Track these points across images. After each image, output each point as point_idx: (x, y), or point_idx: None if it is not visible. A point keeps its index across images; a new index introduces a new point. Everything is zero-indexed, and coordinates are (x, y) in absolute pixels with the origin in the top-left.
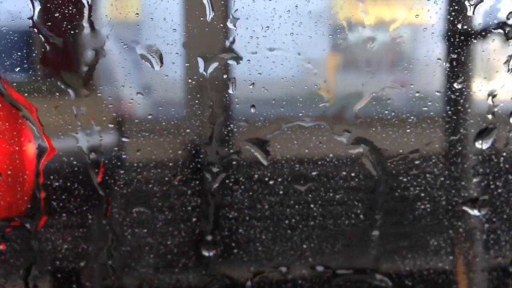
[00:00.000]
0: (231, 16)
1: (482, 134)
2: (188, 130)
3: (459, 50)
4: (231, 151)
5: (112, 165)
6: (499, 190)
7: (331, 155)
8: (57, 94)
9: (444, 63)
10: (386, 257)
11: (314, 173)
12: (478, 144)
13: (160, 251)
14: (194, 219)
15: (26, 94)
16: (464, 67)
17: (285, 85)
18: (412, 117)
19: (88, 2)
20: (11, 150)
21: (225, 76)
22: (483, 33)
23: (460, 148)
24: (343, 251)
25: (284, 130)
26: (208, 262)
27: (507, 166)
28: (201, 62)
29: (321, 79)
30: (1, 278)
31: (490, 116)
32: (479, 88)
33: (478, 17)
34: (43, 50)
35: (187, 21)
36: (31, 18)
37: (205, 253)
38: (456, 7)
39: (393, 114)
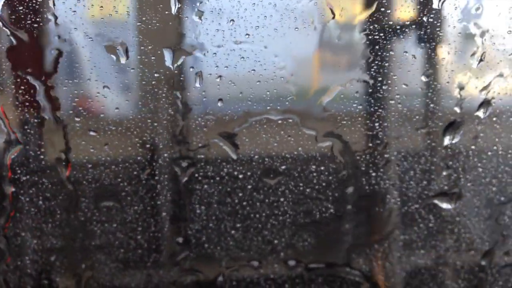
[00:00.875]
0: (196, 9)
1: (450, 127)
2: (155, 124)
3: (426, 43)
4: (200, 145)
5: (80, 159)
6: (468, 184)
7: (300, 148)
8: (22, 87)
9: (411, 56)
10: (358, 251)
11: (283, 167)
12: (447, 139)
13: (130, 245)
14: (163, 214)
15: None
16: (431, 60)
17: (252, 79)
18: (380, 111)
19: None
20: None
21: (191, 70)
22: (450, 26)
23: (428, 141)
24: (314, 245)
25: (252, 124)
26: (179, 257)
27: (475, 159)
28: (167, 55)
29: (288, 72)
30: None
31: (457, 109)
32: (447, 81)
33: (445, 10)
34: (7, 43)
35: (153, 14)
36: None
37: (176, 248)
38: (422, 0)
39: (360, 107)
